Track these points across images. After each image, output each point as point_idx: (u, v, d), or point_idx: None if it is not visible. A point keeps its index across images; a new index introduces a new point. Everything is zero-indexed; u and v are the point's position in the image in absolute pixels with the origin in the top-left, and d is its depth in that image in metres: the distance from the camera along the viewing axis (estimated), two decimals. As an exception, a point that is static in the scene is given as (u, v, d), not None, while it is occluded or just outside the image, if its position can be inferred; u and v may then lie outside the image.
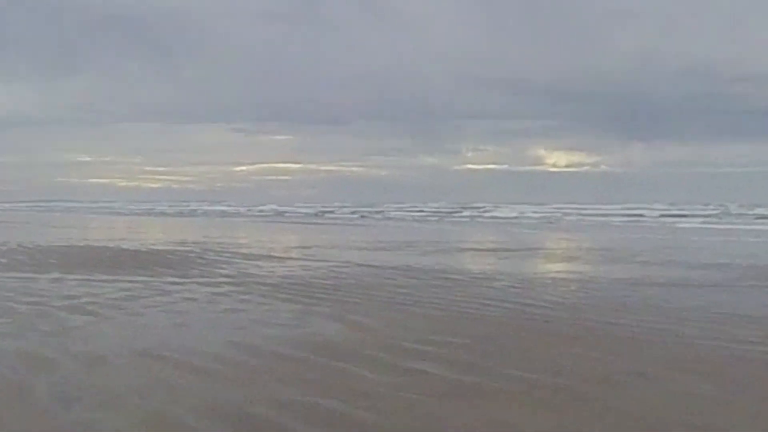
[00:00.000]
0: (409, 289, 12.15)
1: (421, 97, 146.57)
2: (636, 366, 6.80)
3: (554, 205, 77.32)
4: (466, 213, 72.07)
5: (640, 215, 59.98)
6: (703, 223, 48.69)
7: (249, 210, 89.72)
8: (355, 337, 7.98)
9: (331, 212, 79.15)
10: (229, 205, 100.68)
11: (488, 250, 22.64)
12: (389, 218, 66.15)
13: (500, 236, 32.39)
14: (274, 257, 18.54)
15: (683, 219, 54.74)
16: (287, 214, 76.29)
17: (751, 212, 60.02)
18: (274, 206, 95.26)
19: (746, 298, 11.45)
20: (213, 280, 13.33)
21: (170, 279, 13.45)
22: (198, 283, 12.75)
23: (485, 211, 72.68)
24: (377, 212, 77.65)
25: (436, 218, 64.48)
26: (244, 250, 20.85)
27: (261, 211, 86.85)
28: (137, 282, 12.80)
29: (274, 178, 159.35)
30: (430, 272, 15.01)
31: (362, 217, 67.83)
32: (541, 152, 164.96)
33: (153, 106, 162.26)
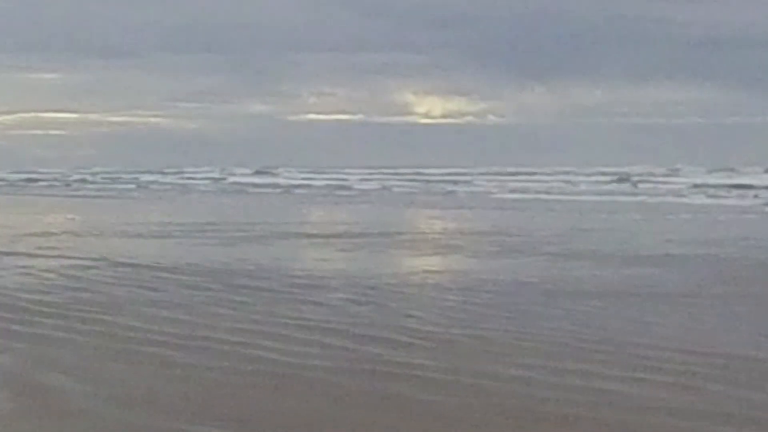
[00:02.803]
0: (179, 311, 10.83)
1: (244, 21, 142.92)
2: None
3: (382, 170, 79.03)
4: (252, 179, 74.30)
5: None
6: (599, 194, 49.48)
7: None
8: (32, 428, 6.28)
9: (84, 180, 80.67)
10: None
11: (318, 235, 22.74)
12: (158, 187, 68.61)
13: (317, 213, 33.32)
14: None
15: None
16: (20, 183, 77.39)
17: (660, 178, 63.05)
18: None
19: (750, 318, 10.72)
20: None
21: None
22: None
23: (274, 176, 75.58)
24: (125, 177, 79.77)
25: (203, 186, 67.55)
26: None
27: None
28: None
29: (39, 132, 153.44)
30: (227, 275, 14.24)
31: (140, 187, 69.33)
32: (410, 98, 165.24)
33: None
